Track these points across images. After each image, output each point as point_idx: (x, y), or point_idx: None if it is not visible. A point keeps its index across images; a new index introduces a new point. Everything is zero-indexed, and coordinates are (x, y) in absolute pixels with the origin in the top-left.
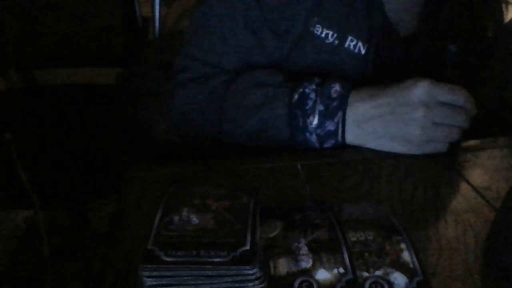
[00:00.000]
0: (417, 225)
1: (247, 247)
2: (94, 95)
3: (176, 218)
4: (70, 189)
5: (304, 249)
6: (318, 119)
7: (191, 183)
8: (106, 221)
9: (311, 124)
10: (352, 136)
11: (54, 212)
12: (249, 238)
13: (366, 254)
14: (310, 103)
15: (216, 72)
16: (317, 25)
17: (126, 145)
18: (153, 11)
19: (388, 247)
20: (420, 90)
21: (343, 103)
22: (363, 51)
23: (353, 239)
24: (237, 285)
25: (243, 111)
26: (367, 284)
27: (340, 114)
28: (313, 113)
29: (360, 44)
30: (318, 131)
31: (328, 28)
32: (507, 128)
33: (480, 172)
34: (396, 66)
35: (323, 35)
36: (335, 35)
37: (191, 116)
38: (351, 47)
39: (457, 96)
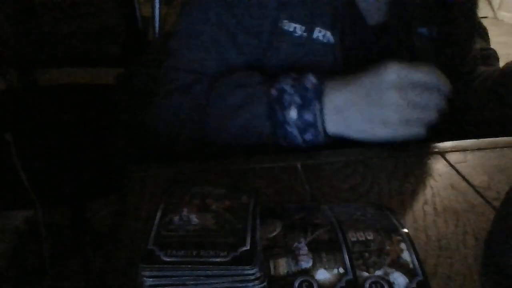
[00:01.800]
0: (417, 225)
1: (247, 247)
2: (94, 95)
3: (176, 218)
4: (70, 189)
5: (304, 249)
6: (296, 111)
7: (191, 183)
8: (106, 221)
9: (289, 117)
10: (332, 125)
11: (54, 212)
12: (249, 238)
13: (366, 254)
14: (287, 97)
15: (198, 78)
16: (285, 21)
17: (126, 145)
18: (153, 11)
19: (388, 247)
20: (391, 72)
21: (318, 93)
22: (332, 40)
23: (353, 239)
24: (237, 285)
25: (226, 113)
26: (367, 284)
27: (316, 104)
28: (290, 106)
29: (328, 33)
30: (298, 123)
31: (295, 22)
32: (507, 128)
33: (480, 172)
34: (368, 54)
35: (291, 29)
36: (303, 27)
37: (177, 124)
38: (320, 37)
39: (428, 76)
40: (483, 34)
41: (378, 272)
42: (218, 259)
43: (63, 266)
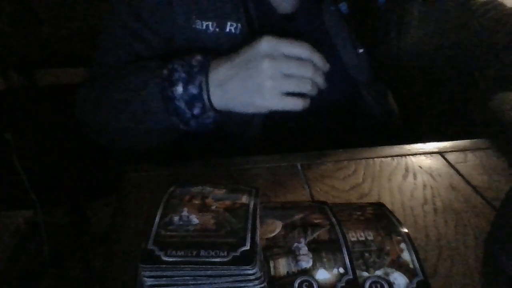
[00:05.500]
0: (417, 225)
1: (247, 247)
2: None
3: (176, 218)
4: (70, 189)
5: (304, 249)
6: (182, 86)
7: (191, 183)
8: (106, 221)
9: (177, 92)
10: (217, 98)
11: (54, 212)
12: (249, 238)
13: (366, 254)
14: (176, 74)
15: (111, 69)
16: (197, 20)
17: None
18: None
19: (388, 247)
20: (264, 43)
21: (203, 68)
22: (244, 32)
23: (353, 239)
24: (237, 285)
25: (126, 94)
26: (367, 284)
27: (200, 78)
28: (178, 82)
29: (240, 26)
30: (185, 97)
31: (207, 20)
32: (508, 129)
33: (480, 172)
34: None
35: (203, 27)
36: (214, 24)
37: (88, 110)
38: (232, 30)
39: (300, 48)
40: None
41: (378, 272)
42: (218, 259)
43: (63, 266)
